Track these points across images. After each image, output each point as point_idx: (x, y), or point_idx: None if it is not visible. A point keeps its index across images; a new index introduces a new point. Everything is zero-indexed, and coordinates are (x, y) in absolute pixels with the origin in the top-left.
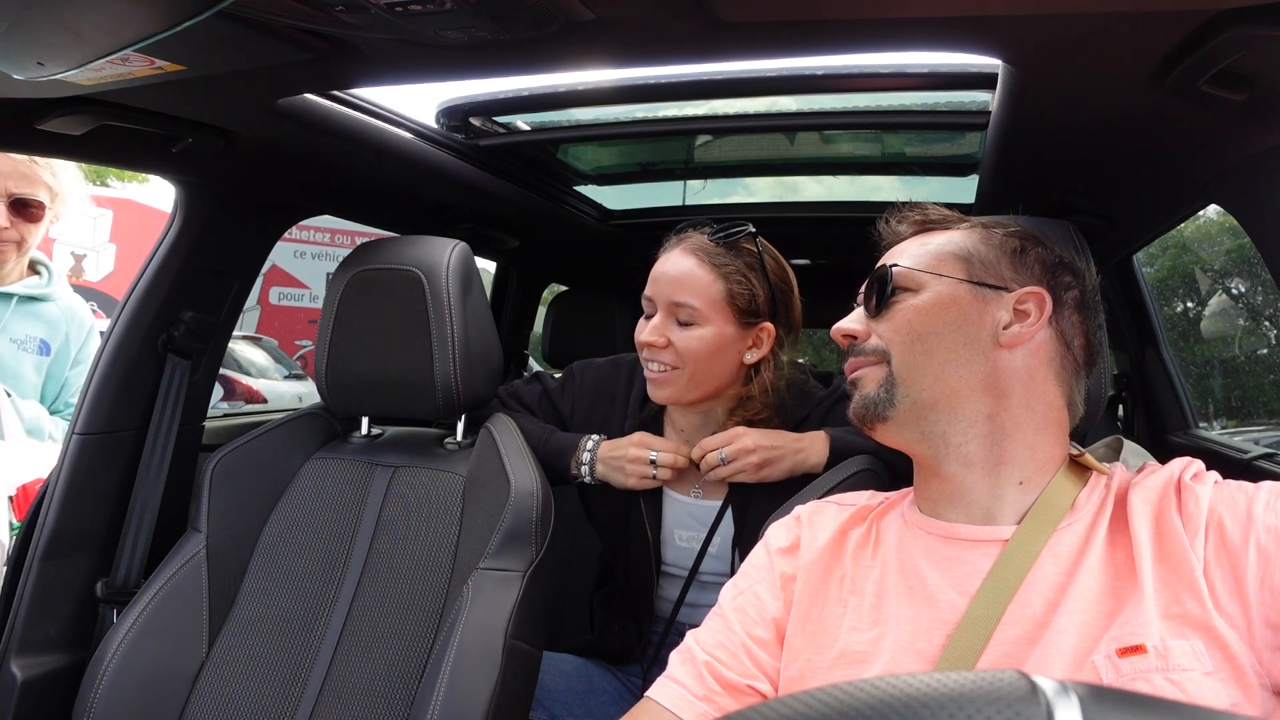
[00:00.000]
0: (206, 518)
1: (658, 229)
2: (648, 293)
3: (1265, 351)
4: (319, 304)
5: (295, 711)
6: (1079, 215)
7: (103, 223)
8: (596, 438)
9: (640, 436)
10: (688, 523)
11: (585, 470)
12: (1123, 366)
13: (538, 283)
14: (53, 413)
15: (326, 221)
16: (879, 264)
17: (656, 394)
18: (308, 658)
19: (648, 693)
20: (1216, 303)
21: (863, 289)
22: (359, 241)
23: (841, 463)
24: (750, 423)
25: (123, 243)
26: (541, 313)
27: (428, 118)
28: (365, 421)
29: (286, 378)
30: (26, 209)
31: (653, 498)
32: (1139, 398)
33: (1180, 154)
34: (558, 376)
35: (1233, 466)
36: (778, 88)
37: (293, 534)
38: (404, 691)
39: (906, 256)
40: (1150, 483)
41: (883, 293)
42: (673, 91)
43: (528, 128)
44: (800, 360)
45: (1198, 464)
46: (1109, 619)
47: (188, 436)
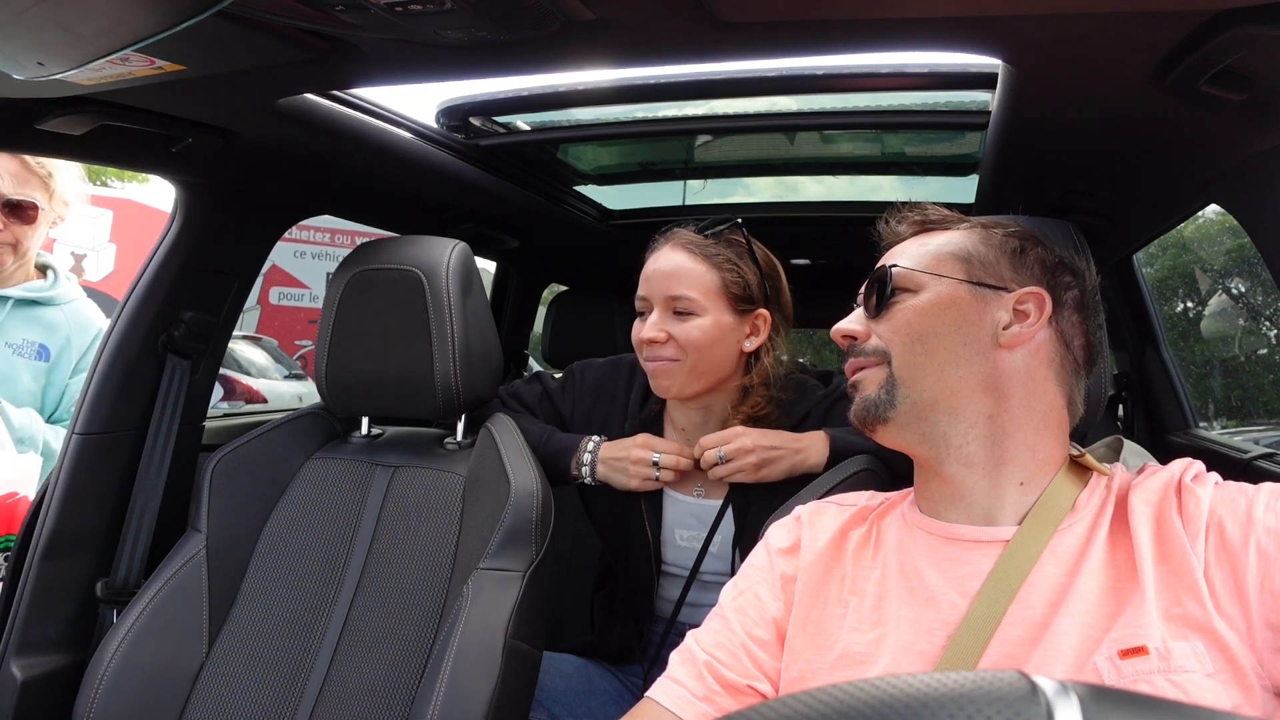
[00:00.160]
0: (206, 518)
1: (658, 229)
2: (641, 293)
3: (1265, 351)
4: (319, 304)
5: (295, 711)
6: (1079, 215)
7: (103, 223)
8: (598, 438)
9: (644, 438)
10: (688, 522)
11: (586, 471)
12: (1123, 366)
13: (538, 283)
14: (54, 420)
15: (326, 221)
16: (879, 264)
17: (659, 385)
18: (308, 658)
19: (648, 693)
20: (1216, 302)
21: (862, 289)
22: (359, 241)
23: (841, 463)
24: (753, 420)
25: (123, 243)
26: (541, 313)
27: (428, 118)
28: (365, 421)
29: (286, 378)
30: (20, 211)
31: (653, 497)
32: (1139, 398)
33: (1180, 154)
34: (558, 377)
35: (1233, 466)
36: (777, 88)
37: (293, 534)
38: (404, 691)
39: (906, 257)
40: (1151, 484)
41: (882, 293)
42: (673, 91)
43: (528, 127)
44: (800, 360)
45: (1198, 465)
46: (1110, 620)
47: (188, 436)
